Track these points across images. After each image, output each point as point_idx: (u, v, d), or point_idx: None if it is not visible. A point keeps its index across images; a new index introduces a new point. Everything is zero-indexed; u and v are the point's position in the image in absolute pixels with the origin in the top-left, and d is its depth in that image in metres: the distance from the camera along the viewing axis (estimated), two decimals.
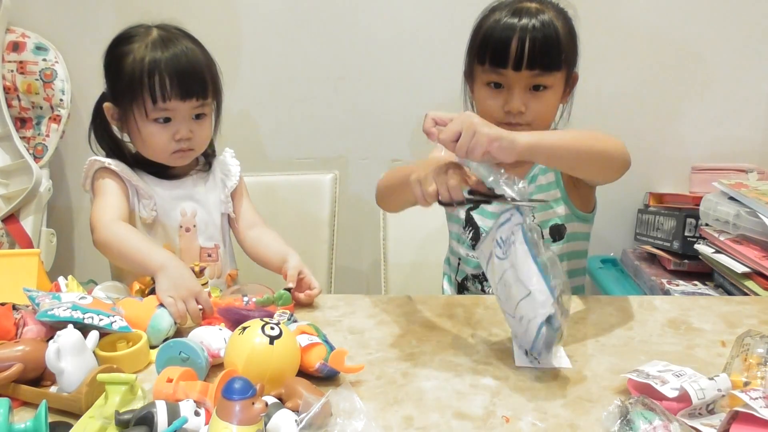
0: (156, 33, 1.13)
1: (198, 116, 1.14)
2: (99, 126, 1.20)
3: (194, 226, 1.20)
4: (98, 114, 1.20)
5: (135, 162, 1.18)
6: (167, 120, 1.11)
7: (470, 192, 0.87)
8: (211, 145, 1.27)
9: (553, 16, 1.07)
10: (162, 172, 1.19)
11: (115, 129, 1.20)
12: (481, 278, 1.24)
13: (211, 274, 1.21)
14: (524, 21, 1.05)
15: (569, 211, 1.19)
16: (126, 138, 1.20)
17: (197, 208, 1.21)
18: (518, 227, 0.81)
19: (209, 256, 1.22)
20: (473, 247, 1.22)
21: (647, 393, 0.70)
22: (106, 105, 1.16)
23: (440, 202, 0.88)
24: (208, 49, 1.18)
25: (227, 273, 1.26)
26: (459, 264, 1.27)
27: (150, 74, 1.07)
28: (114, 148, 1.20)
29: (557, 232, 1.19)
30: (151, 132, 1.12)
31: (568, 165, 0.98)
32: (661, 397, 0.69)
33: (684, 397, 0.68)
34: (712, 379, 0.69)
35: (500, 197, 0.83)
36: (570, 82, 1.15)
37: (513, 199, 0.82)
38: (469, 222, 1.23)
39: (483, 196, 0.86)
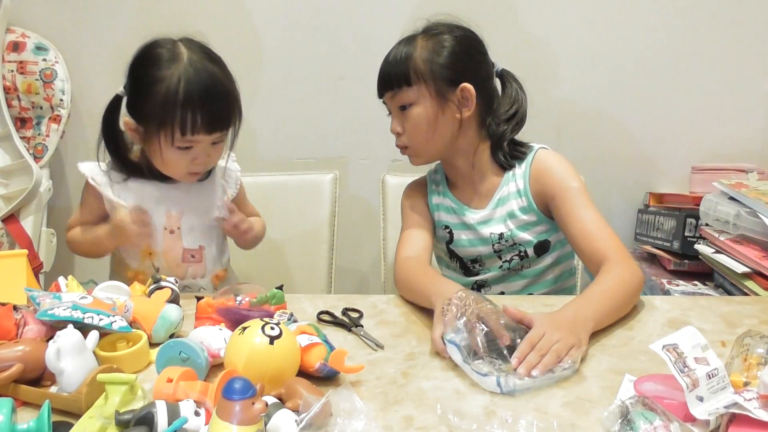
0: (186, 57, 1.12)
1: (216, 143, 1.19)
2: (109, 134, 1.21)
3: (179, 228, 1.24)
4: (109, 121, 1.20)
5: (133, 167, 1.23)
6: (189, 147, 1.15)
7: None
8: None
9: (420, 39, 1.16)
10: (156, 175, 1.22)
11: (127, 136, 1.22)
12: None
13: (194, 274, 1.28)
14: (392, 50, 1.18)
15: (550, 226, 1.20)
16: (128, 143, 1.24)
17: (185, 211, 1.24)
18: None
19: (192, 257, 1.26)
20: (464, 274, 1.28)
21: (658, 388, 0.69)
22: (128, 121, 1.17)
23: None
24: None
25: (214, 274, 1.30)
26: None
27: (183, 108, 1.09)
28: (117, 156, 1.23)
29: (541, 248, 1.21)
30: (172, 157, 1.16)
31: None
32: (678, 399, 0.68)
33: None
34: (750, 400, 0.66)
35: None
36: (448, 96, 1.15)
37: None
38: (452, 254, 1.28)
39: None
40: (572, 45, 1.82)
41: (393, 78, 1.16)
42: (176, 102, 1.09)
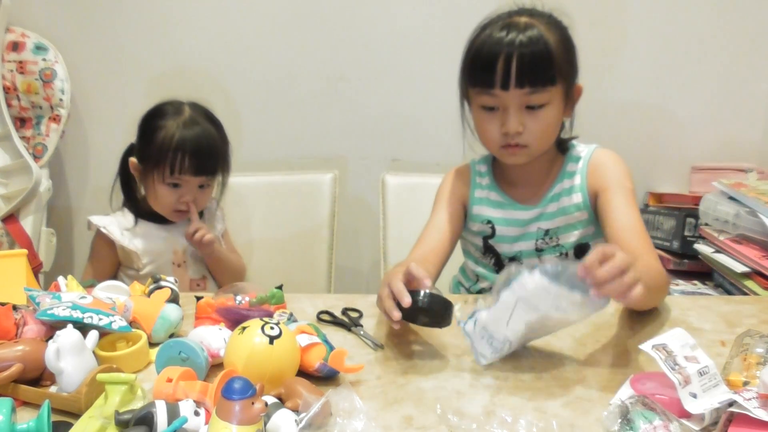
0: (187, 113, 1.35)
1: (203, 186, 1.38)
2: (124, 178, 1.43)
3: (185, 261, 1.43)
4: (124, 165, 1.42)
5: (142, 211, 1.41)
6: (177, 185, 1.34)
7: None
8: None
9: (545, 30, 1.04)
10: (162, 218, 1.41)
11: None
12: None
13: None
14: (511, 37, 1.02)
15: (596, 229, 1.17)
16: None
17: (187, 247, 1.43)
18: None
19: (198, 285, 1.46)
20: (497, 271, 1.23)
21: (653, 385, 0.69)
22: (132, 160, 1.38)
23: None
24: (207, 49, 1.19)
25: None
26: (477, 279, 1.28)
27: (174, 151, 1.30)
28: (129, 195, 1.43)
29: (581, 251, 1.18)
30: (162, 192, 1.35)
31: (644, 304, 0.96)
32: (672, 396, 0.68)
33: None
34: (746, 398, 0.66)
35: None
36: (571, 95, 1.11)
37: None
38: (489, 250, 1.24)
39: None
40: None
41: (539, 74, 1.02)
42: (170, 146, 1.30)
